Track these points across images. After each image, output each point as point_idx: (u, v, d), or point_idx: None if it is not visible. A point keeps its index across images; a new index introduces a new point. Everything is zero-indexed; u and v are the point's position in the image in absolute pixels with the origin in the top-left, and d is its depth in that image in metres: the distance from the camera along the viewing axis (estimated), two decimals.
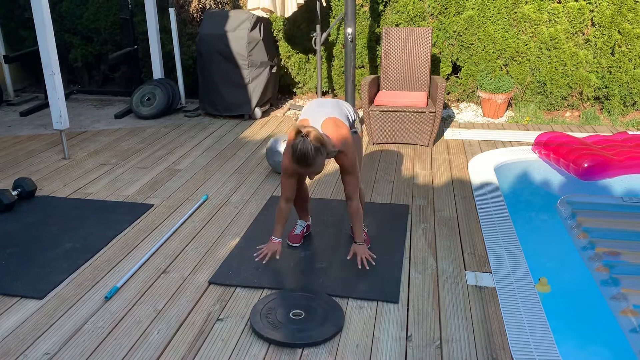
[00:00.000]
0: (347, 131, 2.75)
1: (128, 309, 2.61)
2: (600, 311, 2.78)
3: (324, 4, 5.65)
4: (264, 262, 2.92)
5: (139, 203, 3.77)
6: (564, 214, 3.67)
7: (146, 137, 5.27)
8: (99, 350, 2.32)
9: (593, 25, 5.49)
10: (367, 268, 2.84)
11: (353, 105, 5.11)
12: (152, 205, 3.74)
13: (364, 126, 5.44)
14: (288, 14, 5.30)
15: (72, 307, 2.63)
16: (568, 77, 5.60)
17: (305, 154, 2.51)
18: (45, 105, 6.07)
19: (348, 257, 2.94)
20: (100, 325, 2.49)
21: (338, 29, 6.07)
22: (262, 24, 5.64)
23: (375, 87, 5.17)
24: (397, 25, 5.86)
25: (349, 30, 4.84)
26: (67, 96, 6.64)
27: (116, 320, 2.53)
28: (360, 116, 5.66)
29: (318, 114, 2.79)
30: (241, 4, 6.39)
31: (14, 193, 3.74)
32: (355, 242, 2.94)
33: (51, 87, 4.39)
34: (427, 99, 4.97)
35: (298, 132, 2.55)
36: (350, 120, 2.96)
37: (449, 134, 5.22)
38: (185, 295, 2.71)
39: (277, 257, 2.93)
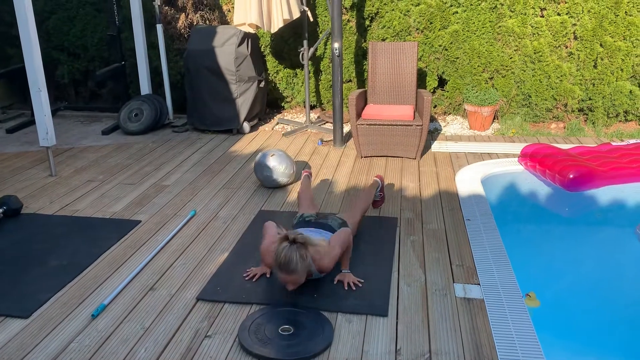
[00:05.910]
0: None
1: (115, 327, 2.58)
2: None
3: (311, 19, 5.70)
4: (254, 280, 2.93)
5: (126, 219, 3.75)
6: None
7: (134, 153, 5.25)
8: None
9: (575, 38, 5.58)
10: (354, 289, 2.81)
11: (341, 119, 5.15)
12: (140, 221, 3.71)
13: (352, 140, 5.46)
14: (274, 29, 5.34)
15: (58, 326, 2.60)
16: (552, 89, 5.67)
17: (289, 261, 2.53)
18: (32, 122, 6.03)
19: (334, 282, 2.89)
20: (87, 344, 2.46)
21: (325, 44, 6.11)
22: (250, 39, 5.67)
23: (363, 100, 5.20)
24: (383, 39, 5.92)
25: (336, 45, 4.88)
26: (54, 113, 6.62)
27: (103, 338, 2.50)
28: (344, 132, 5.67)
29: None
30: (229, 20, 6.42)
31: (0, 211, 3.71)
32: (342, 271, 2.92)
33: (37, 104, 4.37)
34: (414, 112, 5.00)
35: (285, 238, 2.56)
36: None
37: (436, 146, 5.25)
38: (173, 312, 2.69)
39: (267, 275, 2.96)
